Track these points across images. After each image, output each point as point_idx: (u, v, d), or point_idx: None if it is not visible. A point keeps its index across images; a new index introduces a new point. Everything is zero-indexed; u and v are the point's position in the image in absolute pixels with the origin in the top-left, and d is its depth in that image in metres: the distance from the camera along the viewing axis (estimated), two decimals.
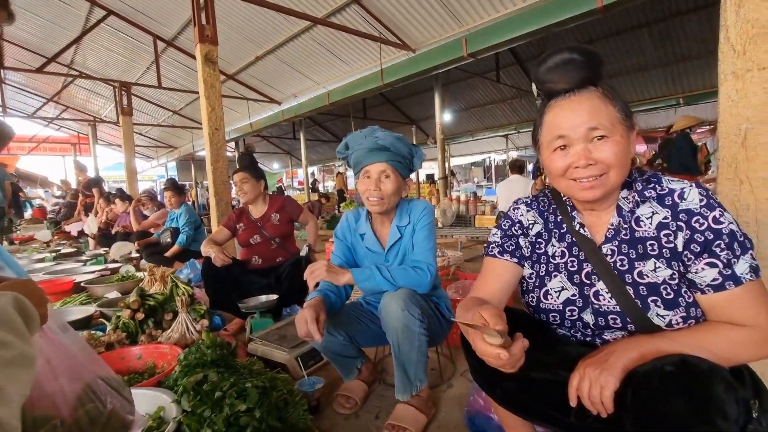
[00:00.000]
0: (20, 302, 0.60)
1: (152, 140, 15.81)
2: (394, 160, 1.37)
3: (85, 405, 0.68)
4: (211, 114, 3.79)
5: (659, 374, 0.67)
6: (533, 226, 0.96)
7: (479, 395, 1.32)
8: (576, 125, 0.78)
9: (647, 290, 0.79)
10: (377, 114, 11.13)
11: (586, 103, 0.78)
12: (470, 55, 4.93)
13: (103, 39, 8.29)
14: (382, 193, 1.37)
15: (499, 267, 0.96)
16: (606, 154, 0.77)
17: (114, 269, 3.86)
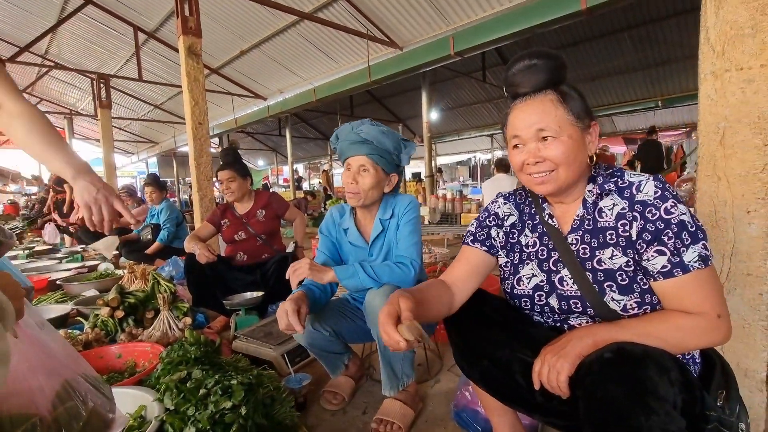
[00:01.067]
0: None
1: (132, 135, 15.41)
2: (375, 154, 1.35)
3: (65, 403, 0.66)
4: (195, 108, 3.71)
5: (599, 361, 0.72)
6: (508, 217, 1.04)
7: (466, 389, 1.34)
8: (527, 126, 0.87)
9: (604, 276, 0.85)
10: (364, 112, 11.10)
11: (538, 106, 0.86)
12: (457, 54, 4.96)
13: (81, 29, 8.03)
14: (359, 187, 1.36)
15: (470, 253, 1.06)
16: (553, 152, 0.85)
17: (91, 267, 3.74)
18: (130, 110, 12.14)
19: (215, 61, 8.21)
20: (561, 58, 0.87)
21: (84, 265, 3.80)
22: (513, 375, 0.90)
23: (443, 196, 6.83)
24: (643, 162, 7.33)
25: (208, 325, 2.35)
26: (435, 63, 5.36)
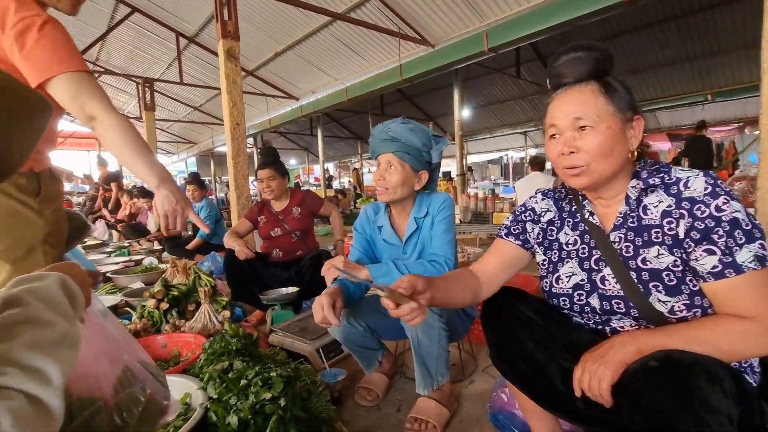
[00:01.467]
0: (66, 283, 0.61)
1: (173, 136, 16.14)
2: (402, 152, 1.36)
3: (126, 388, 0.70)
4: (233, 109, 3.83)
5: (644, 369, 0.69)
6: (545, 213, 1.02)
7: (502, 391, 1.31)
8: (565, 115, 0.85)
9: (649, 276, 0.82)
10: (395, 110, 11.10)
11: (578, 96, 0.84)
12: (491, 50, 4.87)
13: (127, 36, 8.49)
14: (386, 183, 1.38)
15: (502, 246, 1.06)
16: (589, 143, 0.82)
17: (137, 261, 3.96)
18: (172, 112, 12.72)
19: (251, 64, 8.46)
20: (606, 51, 0.85)
21: (131, 259, 4.03)
22: (551, 379, 0.88)
23: (474, 195, 6.72)
24: (690, 159, 6.92)
25: (245, 319, 2.43)
26: (468, 60, 5.28)
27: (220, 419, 1.14)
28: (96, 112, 1.06)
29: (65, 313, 0.59)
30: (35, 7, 1.05)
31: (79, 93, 1.04)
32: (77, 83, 1.04)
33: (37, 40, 1.00)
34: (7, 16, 0.99)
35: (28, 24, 1.00)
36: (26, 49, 0.99)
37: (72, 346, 0.57)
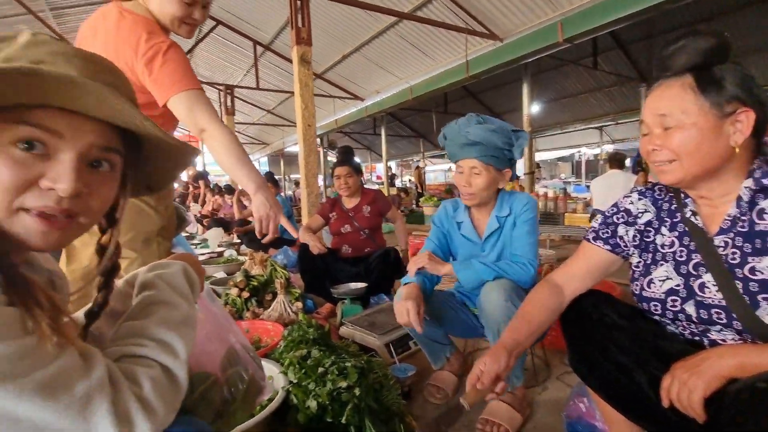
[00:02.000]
0: (187, 271, 0.71)
1: (248, 138, 17.37)
2: (485, 155, 1.34)
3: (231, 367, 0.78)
4: (305, 111, 4.04)
5: (750, 390, 0.64)
6: (643, 214, 0.95)
7: (580, 400, 1.24)
8: (652, 112, 0.81)
9: (759, 287, 0.74)
10: (459, 107, 10.90)
11: (667, 91, 0.79)
12: (566, 41, 4.59)
13: (212, 47, 9.30)
14: (473, 189, 1.38)
15: (590, 251, 1.01)
16: (671, 141, 0.78)
17: (220, 253, 4.34)
18: (248, 115, 13.70)
19: (319, 67, 8.83)
20: (717, 37, 0.77)
21: (213, 251, 4.43)
22: (640, 387, 0.82)
23: (544, 194, 6.40)
24: None
25: (316, 311, 2.57)
26: (540, 52, 5.03)
27: (300, 402, 1.23)
28: (206, 125, 1.19)
29: (187, 297, 0.68)
30: (162, 35, 1.22)
31: (193, 108, 1.18)
32: (191, 100, 1.18)
33: (161, 64, 1.15)
34: (140, 44, 1.16)
35: (156, 51, 1.16)
36: (154, 74, 1.15)
37: (192, 326, 0.65)
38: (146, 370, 0.53)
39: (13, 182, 0.45)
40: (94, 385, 0.46)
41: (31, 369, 0.42)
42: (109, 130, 0.53)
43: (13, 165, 0.45)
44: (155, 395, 0.51)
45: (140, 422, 0.48)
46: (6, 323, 0.43)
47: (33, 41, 0.48)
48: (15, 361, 0.41)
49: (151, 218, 1.29)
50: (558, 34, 4.60)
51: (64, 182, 0.47)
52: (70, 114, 0.48)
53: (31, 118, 0.46)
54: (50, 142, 0.47)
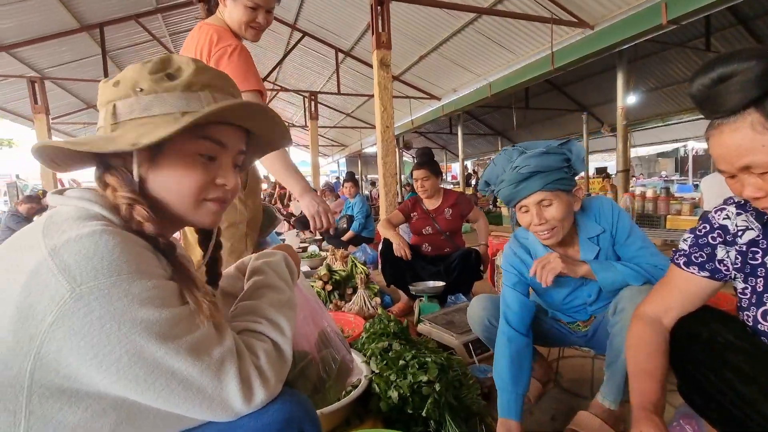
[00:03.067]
0: (287, 260, 0.80)
1: (328, 140, 18.30)
2: (550, 182, 1.13)
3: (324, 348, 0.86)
4: (383, 114, 4.16)
5: None
6: (744, 232, 0.81)
7: (687, 422, 1.12)
8: (728, 163, 0.70)
9: None
10: (541, 102, 10.29)
11: (733, 137, 0.66)
12: (671, 22, 4.09)
13: (298, 57, 9.97)
14: (549, 223, 1.16)
15: (681, 279, 0.88)
16: None
17: (303, 248, 4.66)
18: (328, 119, 14.44)
19: (396, 69, 8.97)
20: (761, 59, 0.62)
21: (299, 247, 4.78)
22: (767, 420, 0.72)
23: (641, 194, 5.76)
24: None
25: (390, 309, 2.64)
26: (638, 38, 4.55)
27: (383, 391, 1.29)
28: None
29: (288, 283, 0.76)
30: (230, 38, 1.38)
31: None
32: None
33: (225, 65, 1.30)
34: (211, 46, 1.33)
35: (222, 53, 1.31)
36: None
37: (294, 309, 0.74)
38: (261, 344, 0.62)
39: (204, 182, 0.63)
40: (226, 351, 0.55)
41: (185, 332, 0.52)
42: (244, 136, 0.68)
43: (202, 171, 0.62)
44: (269, 366, 0.59)
45: (257, 388, 0.56)
46: (171, 294, 0.54)
47: (197, 69, 0.62)
48: (174, 325, 0.52)
49: (240, 211, 1.46)
50: (662, 16, 4.11)
51: (231, 181, 0.66)
52: (231, 128, 0.65)
53: (212, 135, 0.62)
54: (219, 153, 0.64)
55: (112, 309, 0.48)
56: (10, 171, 18.55)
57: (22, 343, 0.47)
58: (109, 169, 0.60)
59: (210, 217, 0.66)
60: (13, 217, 5.01)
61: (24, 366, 0.48)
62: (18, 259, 0.50)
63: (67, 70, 7.98)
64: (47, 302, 0.47)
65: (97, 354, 0.47)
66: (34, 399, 0.49)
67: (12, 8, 5.60)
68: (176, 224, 0.67)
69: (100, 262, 0.48)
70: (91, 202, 0.57)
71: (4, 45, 6.45)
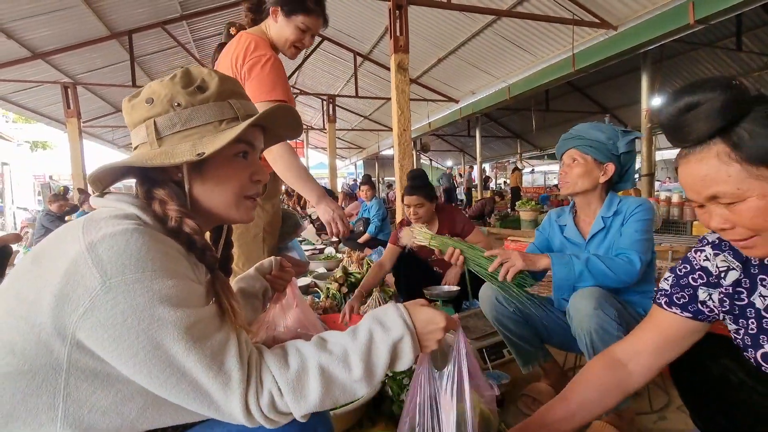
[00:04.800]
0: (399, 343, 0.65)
1: (346, 142, 18.45)
2: (583, 145, 1.35)
3: None
4: (401, 116, 4.17)
5: None
6: (726, 273, 0.78)
7: None
8: (695, 192, 0.68)
9: None
10: (562, 105, 10.11)
11: (700, 167, 0.65)
12: (698, 22, 3.97)
13: (317, 60, 10.11)
14: (569, 177, 1.37)
15: (662, 318, 0.83)
16: (741, 219, 0.64)
17: (321, 249, 4.71)
18: (346, 122, 14.57)
19: (414, 72, 8.99)
20: (725, 89, 0.62)
21: (315, 248, 4.83)
22: None
23: (666, 199, 5.58)
24: None
25: None
26: (664, 38, 4.43)
27: (395, 394, 1.30)
28: None
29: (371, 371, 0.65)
30: (266, 48, 1.42)
31: None
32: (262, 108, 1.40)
33: (257, 74, 1.36)
34: (247, 52, 1.38)
35: (257, 61, 1.37)
36: (250, 79, 1.36)
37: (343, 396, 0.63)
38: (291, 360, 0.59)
39: (246, 179, 0.68)
40: (238, 362, 0.55)
41: (201, 335, 0.54)
42: (262, 132, 0.73)
43: (242, 170, 0.68)
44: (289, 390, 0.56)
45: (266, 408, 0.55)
46: (193, 295, 0.57)
47: (220, 79, 0.66)
48: (191, 326, 0.54)
49: (257, 215, 1.48)
50: (689, 15, 4.00)
51: (264, 177, 0.71)
52: (256, 129, 0.70)
53: (246, 137, 0.67)
54: (250, 152, 0.69)
55: (134, 304, 0.50)
56: (44, 172, 19.45)
57: (59, 328, 0.51)
58: (155, 184, 0.63)
59: (248, 213, 0.70)
60: (47, 216, 5.26)
61: (62, 349, 0.52)
62: (60, 252, 0.54)
63: (97, 75, 8.33)
64: (82, 292, 0.50)
65: (118, 347, 0.50)
66: (71, 381, 0.53)
67: (48, 17, 5.89)
68: (210, 224, 0.72)
69: (129, 258, 0.51)
70: (129, 204, 0.61)
71: (41, 53, 6.78)
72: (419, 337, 0.64)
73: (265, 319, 0.91)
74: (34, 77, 7.47)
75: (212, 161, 0.64)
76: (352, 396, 0.60)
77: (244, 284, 0.93)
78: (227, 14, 7.80)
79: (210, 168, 0.64)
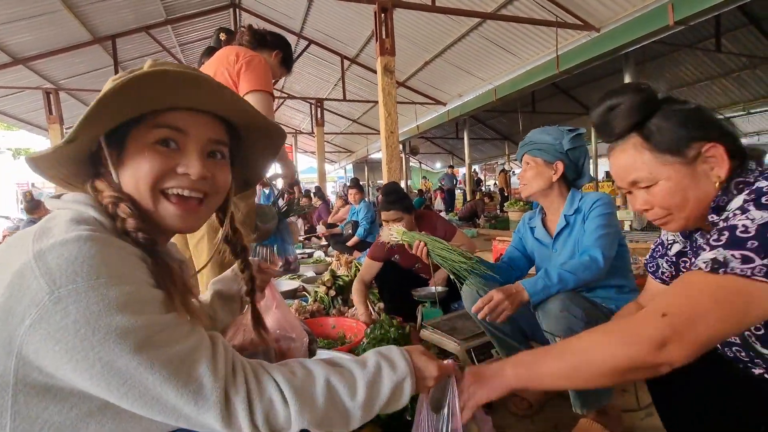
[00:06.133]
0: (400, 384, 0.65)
1: (335, 146, 18.42)
2: (534, 149, 1.45)
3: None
4: (388, 119, 4.18)
5: None
6: (672, 245, 0.92)
7: None
8: (620, 179, 0.81)
9: None
10: (547, 106, 10.24)
11: (622, 157, 0.78)
12: (678, 23, 4.05)
13: (304, 65, 10.09)
14: (524, 180, 1.48)
15: (651, 285, 1.00)
16: (656, 199, 0.76)
17: (309, 253, 4.67)
18: (335, 126, 14.55)
19: (401, 75, 9.03)
20: (636, 92, 0.75)
21: (304, 252, 4.79)
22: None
23: None
24: None
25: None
26: (645, 39, 4.51)
27: None
28: None
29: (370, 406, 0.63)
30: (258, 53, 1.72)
31: (256, 105, 1.50)
32: (257, 99, 1.56)
33: (254, 68, 1.59)
34: (246, 52, 1.64)
35: (252, 59, 1.62)
36: (248, 71, 1.58)
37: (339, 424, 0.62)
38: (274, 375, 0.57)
39: (160, 169, 0.59)
40: (211, 370, 0.52)
41: (163, 343, 0.50)
42: (218, 125, 0.66)
43: (159, 158, 0.60)
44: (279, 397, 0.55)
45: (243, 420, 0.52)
46: (153, 301, 0.53)
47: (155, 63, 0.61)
48: (152, 334, 0.50)
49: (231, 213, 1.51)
50: (668, 17, 4.08)
51: (194, 167, 0.61)
52: (192, 114, 0.62)
53: (165, 121, 0.60)
54: (180, 139, 0.61)
55: (88, 313, 0.47)
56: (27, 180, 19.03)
57: (4, 343, 0.48)
58: (97, 176, 0.61)
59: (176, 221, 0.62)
60: (30, 224, 5.13)
61: (8, 364, 0.48)
62: (8, 260, 0.50)
63: (80, 80, 8.20)
64: (27, 304, 0.47)
65: (72, 358, 0.47)
66: (19, 398, 0.49)
67: (29, 23, 5.78)
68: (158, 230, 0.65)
69: (81, 266, 0.48)
70: (87, 205, 0.57)
71: (22, 58, 6.65)
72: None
73: (242, 321, 0.89)
74: (15, 83, 7.33)
75: (129, 150, 0.60)
76: (346, 423, 0.59)
77: (220, 286, 0.91)
78: (212, 18, 7.76)
79: (128, 158, 0.60)
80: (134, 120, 0.59)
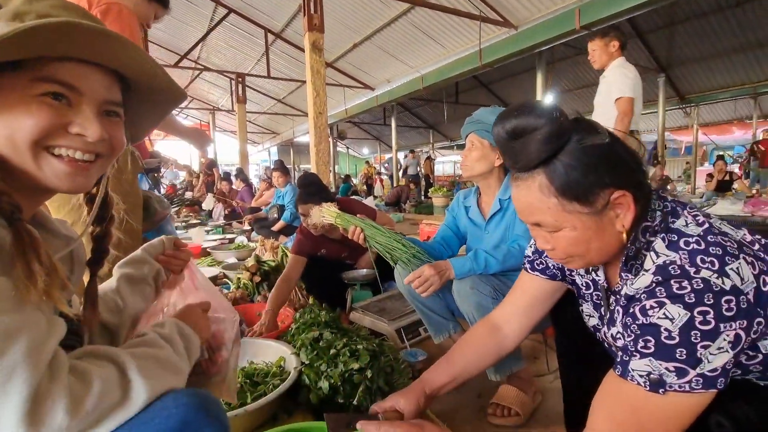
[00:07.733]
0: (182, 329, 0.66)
1: (259, 127, 17.42)
2: (480, 130, 1.42)
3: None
4: (316, 99, 4.02)
5: None
6: None
7: None
8: (523, 216, 0.75)
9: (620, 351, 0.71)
10: (470, 98, 10.77)
11: (526, 194, 0.70)
12: (583, 28, 4.48)
13: (223, 35, 9.28)
14: (467, 161, 1.46)
15: (528, 281, 0.96)
16: (560, 244, 0.72)
17: (231, 239, 4.39)
18: (258, 105, 13.72)
19: (330, 56, 8.76)
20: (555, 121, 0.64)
21: (225, 238, 4.48)
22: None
23: None
24: None
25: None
26: (555, 40, 4.92)
27: (313, 382, 1.24)
28: None
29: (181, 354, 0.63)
30: None
31: None
32: None
33: (113, 20, 1.31)
34: None
35: (108, 9, 1.32)
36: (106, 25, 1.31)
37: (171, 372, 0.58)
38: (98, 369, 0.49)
39: (48, 125, 0.51)
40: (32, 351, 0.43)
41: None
42: (114, 81, 0.58)
43: (47, 112, 0.51)
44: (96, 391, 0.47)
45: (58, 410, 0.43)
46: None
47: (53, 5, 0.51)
48: None
49: None
50: (575, 21, 4.48)
51: (92, 129, 0.54)
52: (85, 68, 0.53)
53: (55, 75, 0.51)
54: (72, 97, 0.53)
55: None
56: None
57: None
58: None
59: (64, 181, 0.54)
60: None
61: None
62: None
63: None
64: None
65: None
66: None
67: None
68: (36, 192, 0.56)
69: None
70: None
71: None
72: None
73: (158, 306, 0.78)
74: None
75: (3, 99, 0.50)
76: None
77: (129, 269, 0.78)
78: None
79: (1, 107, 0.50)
80: (9, 63, 0.48)
